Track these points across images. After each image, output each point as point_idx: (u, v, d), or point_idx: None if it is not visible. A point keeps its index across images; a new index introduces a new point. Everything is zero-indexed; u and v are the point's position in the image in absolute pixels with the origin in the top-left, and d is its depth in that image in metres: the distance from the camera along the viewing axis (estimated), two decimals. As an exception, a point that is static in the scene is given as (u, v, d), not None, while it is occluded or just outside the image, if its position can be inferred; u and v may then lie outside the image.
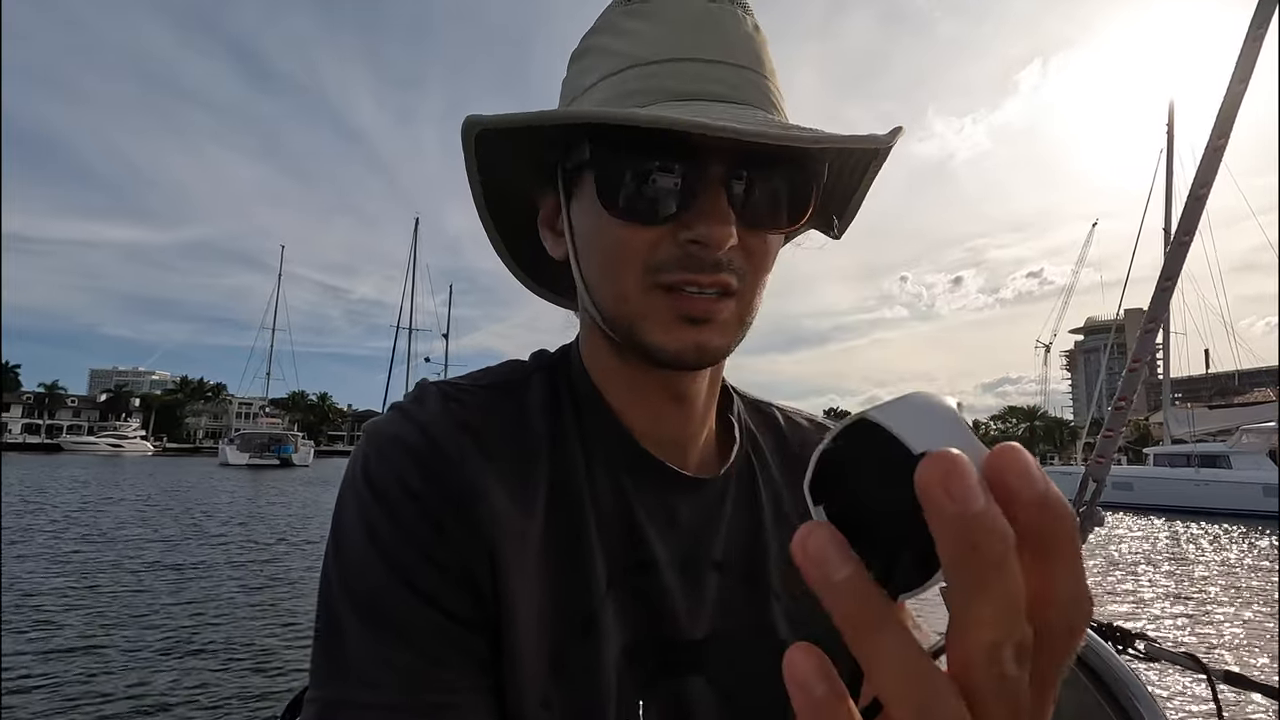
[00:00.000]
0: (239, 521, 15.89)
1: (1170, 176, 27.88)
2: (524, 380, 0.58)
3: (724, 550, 0.57)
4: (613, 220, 0.49)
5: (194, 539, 12.82)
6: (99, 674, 5.56)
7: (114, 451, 66.65)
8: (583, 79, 0.54)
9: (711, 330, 0.51)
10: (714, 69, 0.50)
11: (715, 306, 0.50)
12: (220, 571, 9.77)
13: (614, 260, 0.51)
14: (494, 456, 0.51)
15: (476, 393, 0.55)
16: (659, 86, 0.49)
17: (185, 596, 8.21)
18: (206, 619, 7.26)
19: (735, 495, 0.60)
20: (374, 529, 0.47)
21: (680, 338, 0.50)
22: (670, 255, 0.49)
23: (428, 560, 0.47)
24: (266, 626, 7.04)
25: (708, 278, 0.49)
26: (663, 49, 0.50)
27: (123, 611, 7.44)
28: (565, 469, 0.54)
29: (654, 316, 0.50)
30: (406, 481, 0.48)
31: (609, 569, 0.52)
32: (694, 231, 0.48)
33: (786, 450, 0.67)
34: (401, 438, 0.50)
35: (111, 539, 12.41)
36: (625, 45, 0.52)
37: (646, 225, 0.49)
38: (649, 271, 0.50)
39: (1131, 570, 11.70)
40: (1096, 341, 51.26)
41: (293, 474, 39.83)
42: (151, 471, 36.81)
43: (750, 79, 0.51)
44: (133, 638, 6.52)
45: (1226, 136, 0.99)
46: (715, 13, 0.51)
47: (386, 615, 0.45)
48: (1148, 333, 1.20)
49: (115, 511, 16.88)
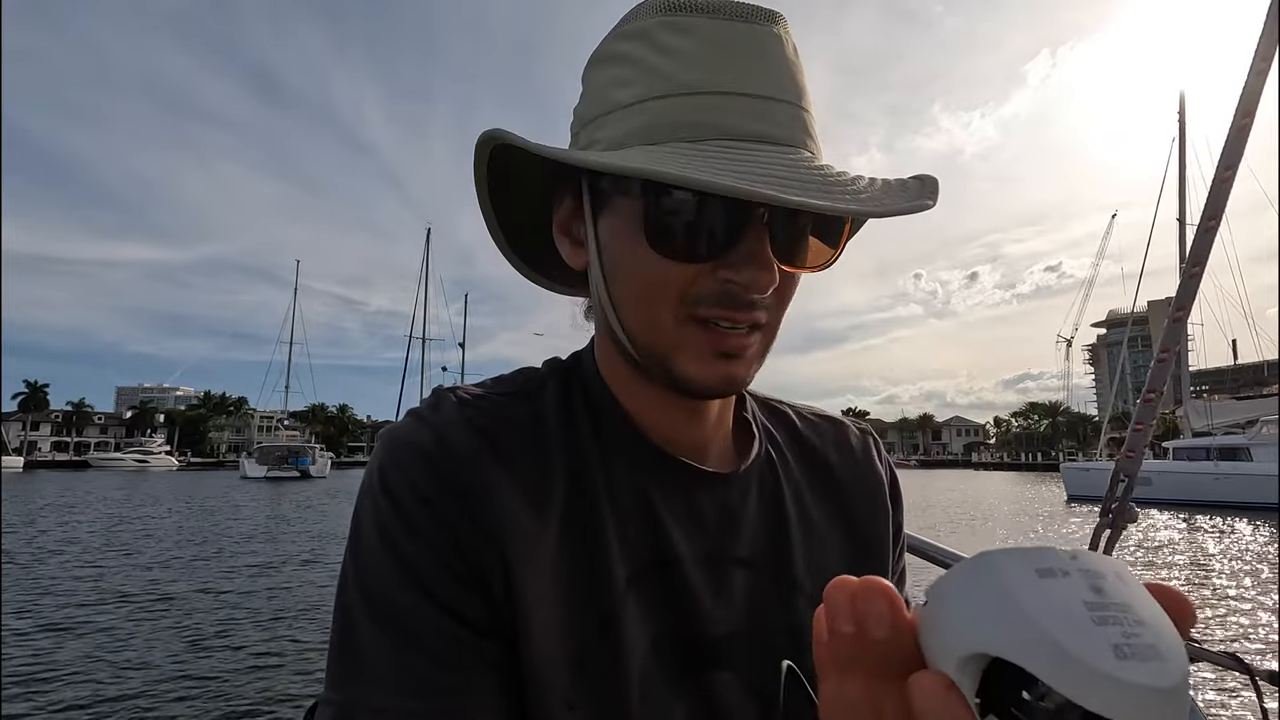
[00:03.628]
0: (252, 532, 16.04)
1: (1183, 166, 27.51)
2: (538, 387, 0.59)
3: (749, 546, 0.57)
4: (654, 254, 0.49)
5: (195, 546, 12.99)
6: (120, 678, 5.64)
7: (140, 467, 67.69)
8: (617, 92, 0.51)
9: (741, 364, 0.52)
10: (766, 107, 0.49)
11: (746, 341, 0.51)
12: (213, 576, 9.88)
13: (650, 292, 0.50)
14: (508, 460, 0.51)
15: (491, 398, 0.56)
16: (711, 123, 0.48)
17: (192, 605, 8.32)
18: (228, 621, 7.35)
19: (758, 491, 0.60)
20: (388, 533, 0.48)
21: (712, 372, 0.51)
22: (708, 291, 0.49)
23: (441, 565, 0.47)
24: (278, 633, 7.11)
25: (743, 315, 0.50)
26: (711, 77, 0.48)
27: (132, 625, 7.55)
28: (581, 470, 0.54)
29: (688, 349, 0.51)
30: (420, 486, 0.49)
31: (630, 567, 0.52)
32: (738, 274, 0.48)
33: (803, 447, 0.67)
34: (416, 442, 0.51)
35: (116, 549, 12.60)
36: (668, 65, 0.49)
37: (688, 263, 0.49)
38: (684, 304, 0.50)
39: (1149, 567, 11.47)
40: (1120, 335, 50.42)
41: (310, 485, 40.25)
42: (173, 486, 37.41)
43: (798, 117, 0.50)
44: (147, 644, 6.61)
45: (1252, 116, 0.97)
46: (761, 36, 0.50)
47: (400, 619, 0.46)
48: (1176, 321, 1.18)
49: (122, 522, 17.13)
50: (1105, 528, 1.19)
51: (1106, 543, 1.18)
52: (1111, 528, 1.20)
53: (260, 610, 8.33)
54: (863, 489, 0.66)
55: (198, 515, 20.49)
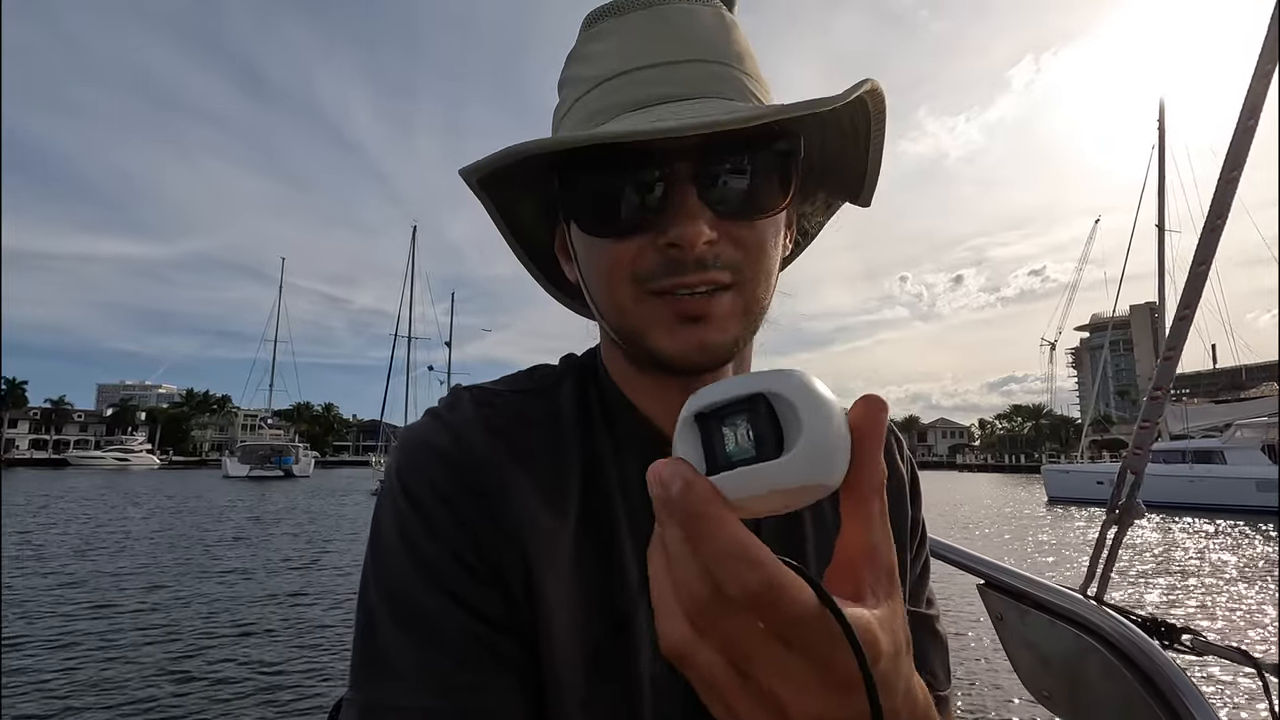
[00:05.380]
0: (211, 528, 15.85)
1: (1162, 173, 27.96)
2: (554, 384, 0.59)
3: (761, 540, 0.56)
4: (594, 239, 0.51)
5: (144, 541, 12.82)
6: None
7: (120, 465, 66.79)
8: (560, 109, 0.57)
9: (711, 327, 0.50)
10: (669, 71, 0.50)
11: (710, 303, 0.49)
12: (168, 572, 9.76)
13: (606, 276, 0.51)
14: (526, 460, 0.52)
15: (508, 397, 0.56)
16: (616, 102, 0.50)
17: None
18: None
19: None
20: (408, 534, 0.48)
21: (682, 339, 0.50)
22: (654, 263, 0.49)
23: (460, 563, 0.48)
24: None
25: (694, 277, 0.49)
26: (619, 63, 0.52)
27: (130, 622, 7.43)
28: (597, 471, 0.54)
29: (653, 323, 0.50)
30: (438, 485, 0.49)
31: (639, 568, 0.52)
32: (668, 235, 0.48)
33: None
34: (434, 442, 0.51)
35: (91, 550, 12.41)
36: (590, 69, 0.53)
37: (625, 238, 0.49)
38: (638, 281, 0.50)
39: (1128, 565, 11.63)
40: (1104, 338, 51.21)
41: (293, 485, 39.90)
42: (154, 485, 36.93)
43: (711, 72, 0.51)
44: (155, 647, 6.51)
45: (1257, 117, 0.98)
46: (666, 14, 0.52)
47: (421, 619, 0.46)
48: (1181, 320, 1.18)
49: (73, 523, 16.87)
50: (1112, 524, 1.20)
51: (1114, 540, 1.18)
52: (1119, 524, 1.21)
53: (248, 617, 8.22)
54: (888, 486, 0.65)
55: (178, 515, 20.21)
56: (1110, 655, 0.98)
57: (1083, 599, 1.06)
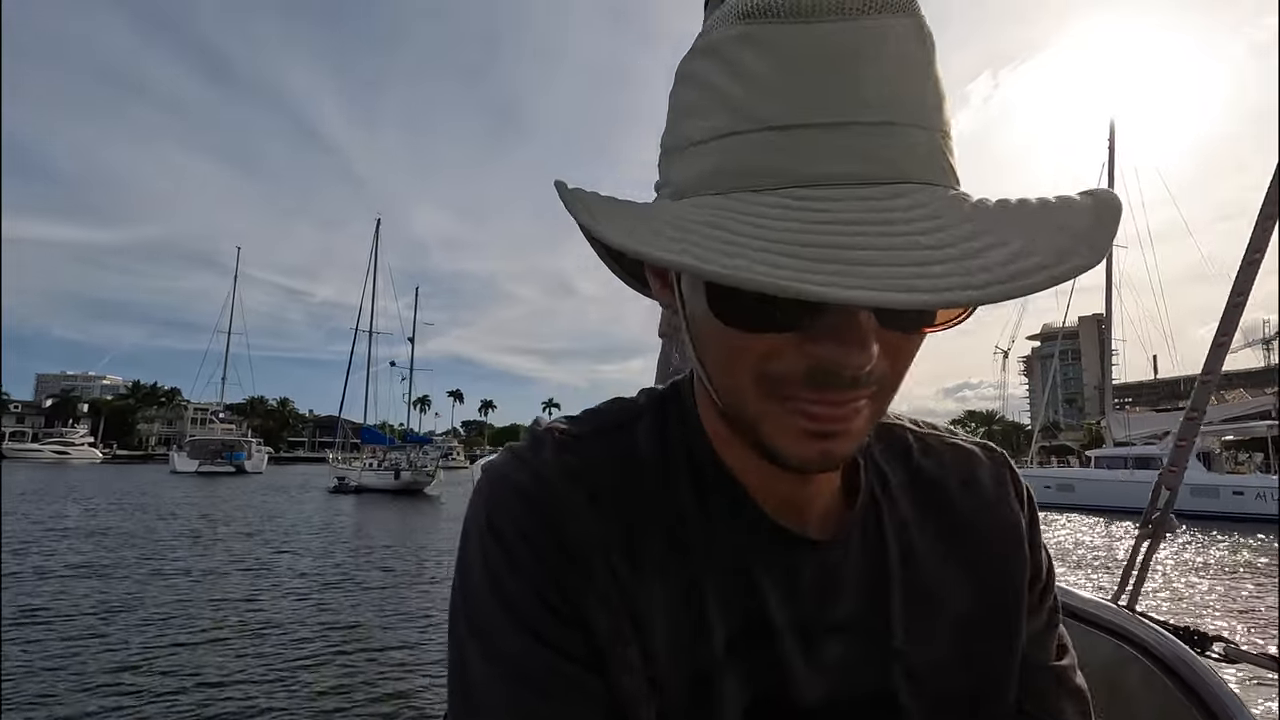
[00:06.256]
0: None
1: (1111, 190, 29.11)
2: (633, 424, 0.56)
3: (846, 612, 0.53)
4: (720, 322, 0.41)
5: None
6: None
7: (59, 459, 64.08)
8: (688, 124, 0.43)
9: (844, 440, 0.44)
10: (850, 136, 0.37)
11: (847, 420, 0.43)
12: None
13: (726, 361, 0.44)
14: (606, 508, 0.50)
15: (588, 439, 0.54)
16: (780, 167, 0.38)
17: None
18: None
19: (859, 550, 0.55)
20: (490, 569, 0.48)
21: (807, 448, 0.44)
22: (791, 370, 0.41)
23: (543, 603, 0.47)
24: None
25: (837, 396, 0.41)
26: (786, 106, 0.38)
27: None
28: (677, 524, 0.52)
29: (776, 426, 0.44)
30: (521, 524, 0.49)
31: (725, 631, 0.50)
32: (824, 349, 0.39)
33: (920, 483, 0.59)
34: (519, 484, 0.50)
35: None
36: (740, 92, 0.40)
37: (759, 333, 0.41)
38: (765, 380, 0.42)
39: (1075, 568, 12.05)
40: (1054, 348, 53.17)
41: (245, 481, 38.68)
42: (95, 480, 35.44)
43: (901, 139, 0.38)
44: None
45: None
46: (853, 38, 0.38)
47: (508, 658, 0.47)
48: (1219, 346, 1.20)
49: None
50: (1145, 538, 1.21)
51: (1146, 553, 1.19)
52: (1151, 539, 1.21)
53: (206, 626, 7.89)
54: (994, 532, 0.58)
55: (117, 513, 19.40)
56: (1150, 664, 0.98)
57: (1121, 609, 1.06)
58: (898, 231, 0.34)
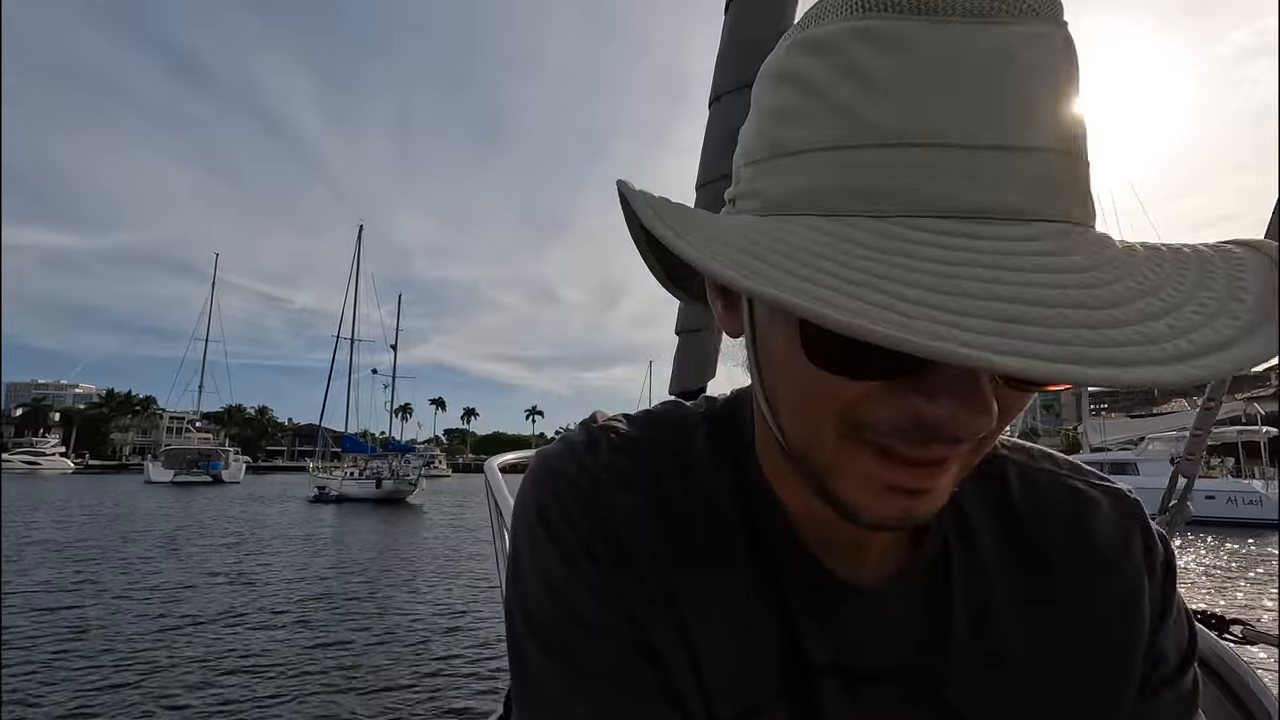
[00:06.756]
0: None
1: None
2: (690, 439, 0.53)
3: (894, 662, 0.49)
4: (810, 364, 0.36)
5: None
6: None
7: (29, 469, 62.48)
8: (784, 129, 0.37)
9: (929, 500, 0.39)
10: (999, 162, 0.31)
11: (938, 477, 0.38)
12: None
13: (805, 403, 0.39)
14: (658, 519, 0.49)
15: (643, 446, 0.52)
16: (909, 190, 0.32)
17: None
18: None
19: (918, 600, 0.50)
20: (543, 565, 0.48)
21: (885, 506, 0.39)
22: (886, 417, 0.36)
23: (595, 597, 0.46)
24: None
25: (937, 452, 0.36)
26: (915, 118, 0.32)
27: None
28: (729, 554, 0.50)
29: (852, 476, 0.38)
30: (574, 521, 0.48)
31: (767, 667, 0.48)
32: (934, 408, 0.34)
33: (1010, 526, 0.51)
34: (571, 479, 0.49)
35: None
36: (856, 97, 0.33)
37: (856, 380, 0.36)
38: (850, 423, 0.37)
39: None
40: (1030, 355, 54.71)
41: (222, 491, 37.91)
42: (70, 490, 34.65)
43: (1054, 171, 0.32)
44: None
45: None
46: (1001, 46, 0.32)
47: (565, 650, 0.46)
48: None
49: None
50: (1163, 526, 1.30)
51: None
52: (1169, 525, 1.29)
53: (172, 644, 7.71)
54: (1099, 599, 0.49)
55: (93, 524, 18.98)
56: None
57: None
58: (1053, 285, 0.29)
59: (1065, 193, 0.33)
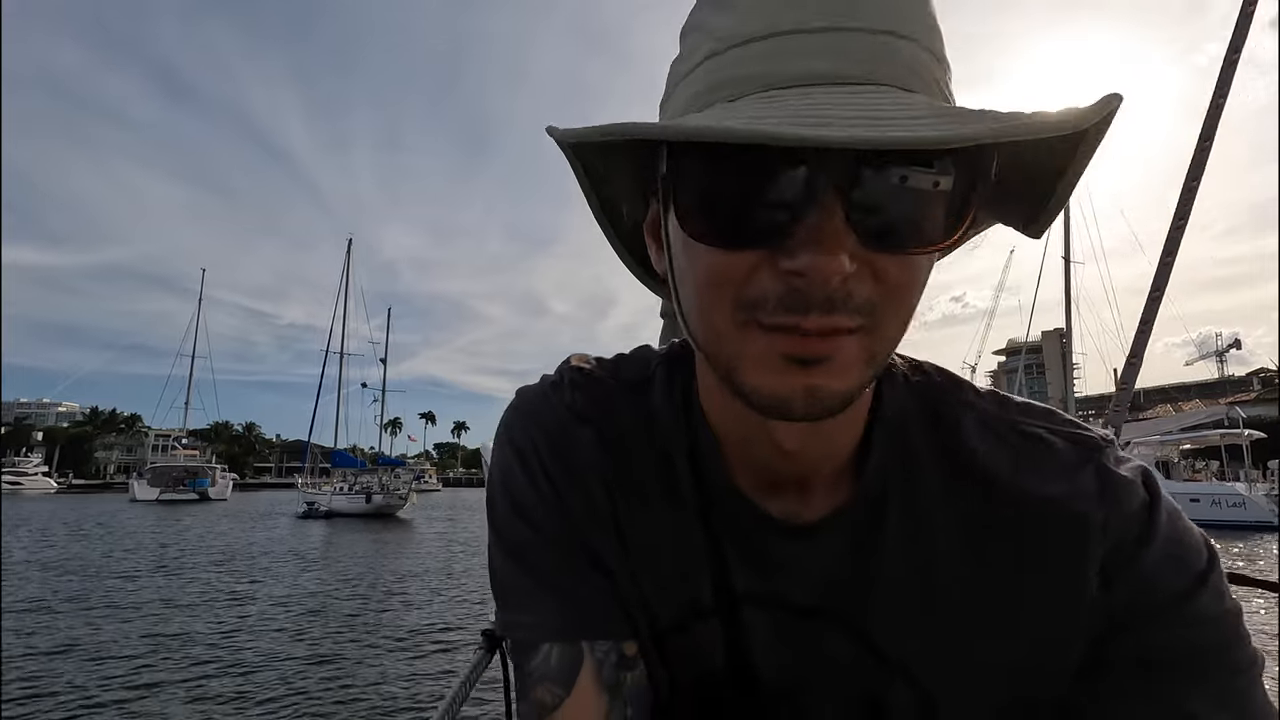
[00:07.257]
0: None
1: (1068, 210, 30.36)
2: (648, 380, 0.59)
3: (819, 596, 0.52)
4: (695, 243, 0.40)
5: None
6: None
7: (11, 489, 61.42)
8: (683, 64, 0.44)
9: (828, 372, 0.40)
10: (835, 40, 0.37)
11: (831, 345, 0.39)
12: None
13: (703, 291, 0.42)
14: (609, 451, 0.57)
15: (603, 385, 0.59)
16: (752, 74, 0.38)
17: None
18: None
19: (846, 540, 0.51)
20: (506, 477, 0.57)
21: (786, 382, 0.40)
22: (769, 290, 0.39)
23: (548, 507, 0.55)
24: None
25: (816, 320, 0.38)
26: (766, 18, 0.39)
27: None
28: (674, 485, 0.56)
29: (753, 358, 0.41)
30: (535, 445, 0.57)
31: (699, 589, 0.55)
32: (795, 260, 0.37)
33: (957, 469, 0.51)
34: (535, 411, 0.59)
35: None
36: (725, 20, 0.41)
37: (736, 250, 0.39)
38: (743, 307, 0.40)
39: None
40: (1019, 362, 54.81)
41: (209, 509, 37.40)
42: (52, 510, 34.09)
43: (890, 47, 0.38)
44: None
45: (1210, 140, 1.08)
46: None
47: (520, 550, 0.56)
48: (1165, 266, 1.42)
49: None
50: None
51: None
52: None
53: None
54: (1048, 543, 0.48)
55: (79, 542, 18.66)
56: None
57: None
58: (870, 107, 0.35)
59: (889, 65, 0.38)
